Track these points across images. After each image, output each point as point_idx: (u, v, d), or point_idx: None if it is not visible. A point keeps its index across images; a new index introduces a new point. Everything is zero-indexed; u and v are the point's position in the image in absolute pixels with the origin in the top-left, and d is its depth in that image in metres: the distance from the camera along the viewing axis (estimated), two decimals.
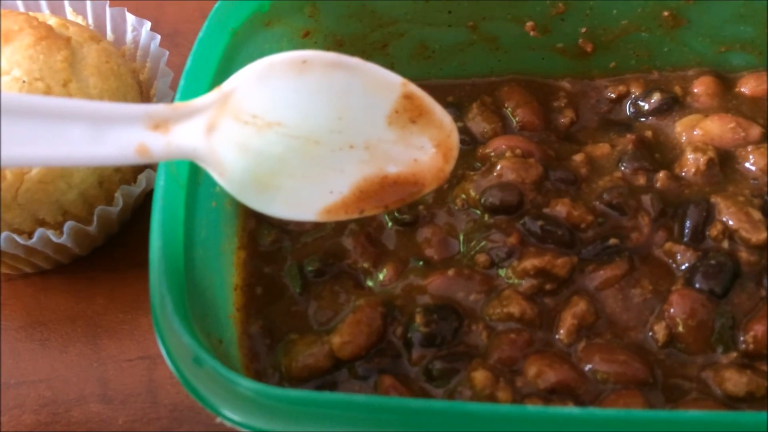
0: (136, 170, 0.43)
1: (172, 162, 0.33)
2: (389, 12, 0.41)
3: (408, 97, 0.31)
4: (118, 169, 0.42)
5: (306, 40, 0.41)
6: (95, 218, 0.41)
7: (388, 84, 0.31)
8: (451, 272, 0.37)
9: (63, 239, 0.40)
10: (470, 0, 0.40)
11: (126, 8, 0.47)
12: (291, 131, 0.30)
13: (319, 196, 0.31)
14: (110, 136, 0.28)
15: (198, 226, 0.34)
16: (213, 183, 0.36)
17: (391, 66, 0.43)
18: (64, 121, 0.27)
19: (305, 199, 0.31)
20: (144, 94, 0.45)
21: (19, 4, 0.46)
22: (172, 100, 0.36)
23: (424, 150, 0.31)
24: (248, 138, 0.29)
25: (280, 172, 0.30)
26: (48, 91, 0.38)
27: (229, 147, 0.29)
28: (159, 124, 0.28)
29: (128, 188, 0.42)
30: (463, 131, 0.42)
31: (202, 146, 0.29)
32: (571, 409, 0.30)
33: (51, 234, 0.40)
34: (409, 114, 0.31)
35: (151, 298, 0.30)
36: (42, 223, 0.40)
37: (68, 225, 0.40)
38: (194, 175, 0.34)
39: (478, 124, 0.42)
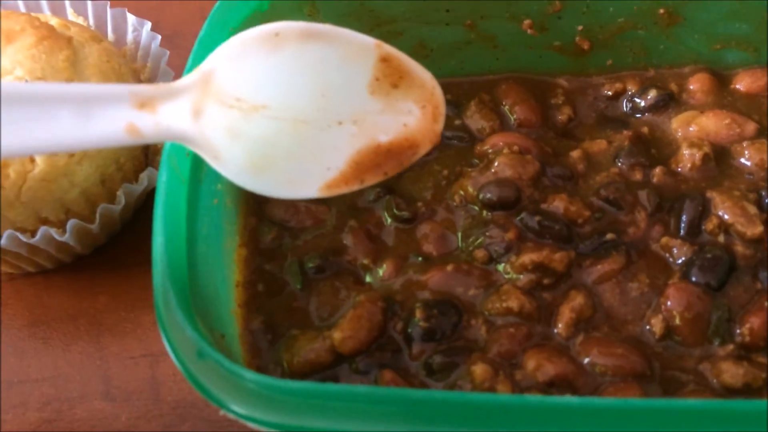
0: (138, 169, 0.44)
1: (174, 158, 0.33)
2: (387, 11, 0.41)
3: (385, 59, 0.31)
4: (120, 168, 0.42)
5: None
6: (98, 216, 0.41)
7: (363, 48, 0.31)
8: (449, 268, 0.37)
9: (66, 237, 0.41)
10: None
11: (126, 9, 0.47)
12: (277, 113, 0.29)
13: (317, 174, 0.31)
14: (98, 116, 0.28)
15: (200, 223, 0.34)
16: (214, 180, 0.36)
17: None
18: (51, 106, 0.27)
19: (304, 178, 0.31)
20: None
21: (21, 4, 0.47)
22: None
23: (411, 113, 0.31)
24: (236, 122, 0.29)
25: (274, 154, 0.30)
26: None
27: (219, 132, 0.29)
28: (145, 103, 0.28)
29: (130, 186, 0.42)
30: (461, 129, 0.42)
31: (191, 130, 0.29)
32: (569, 399, 0.30)
33: (54, 232, 0.40)
34: (390, 79, 0.31)
35: (154, 292, 0.30)
36: (45, 222, 0.41)
37: (71, 223, 0.40)
38: (196, 172, 0.34)
39: (476, 122, 0.42)
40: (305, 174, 0.30)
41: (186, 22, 0.54)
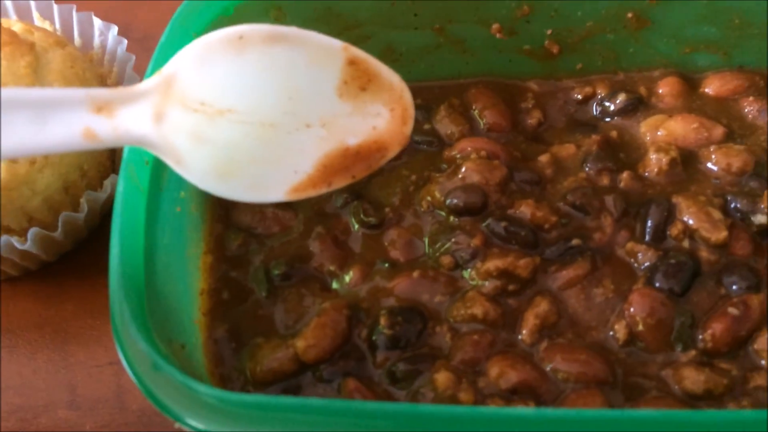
0: (103, 175, 0.43)
1: (132, 166, 0.33)
2: (355, 14, 0.41)
3: (353, 62, 0.30)
4: (83, 175, 0.42)
5: None
6: (60, 224, 0.41)
7: (330, 51, 0.30)
8: (416, 274, 0.37)
9: (27, 245, 0.40)
10: (436, 2, 0.41)
11: (95, 12, 0.47)
12: (243, 117, 0.29)
13: (285, 178, 0.30)
14: (54, 121, 0.28)
15: (160, 231, 0.34)
16: (177, 188, 0.36)
17: None
18: (6, 111, 0.27)
19: (271, 181, 0.30)
20: None
21: None
22: None
23: (380, 116, 0.31)
24: (200, 126, 0.29)
25: (240, 158, 0.29)
26: None
27: (182, 136, 0.29)
28: (102, 107, 0.28)
29: (93, 194, 0.42)
30: (431, 133, 0.42)
31: (152, 134, 0.29)
32: (525, 410, 0.30)
33: (15, 241, 0.40)
34: (358, 82, 0.30)
35: (110, 304, 0.30)
36: (7, 230, 0.40)
37: (32, 231, 0.40)
38: (156, 180, 0.34)
39: (446, 126, 0.42)
40: (272, 178, 0.30)
41: (157, 25, 0.54)
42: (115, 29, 0.46)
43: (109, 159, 0.44)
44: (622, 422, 0.27)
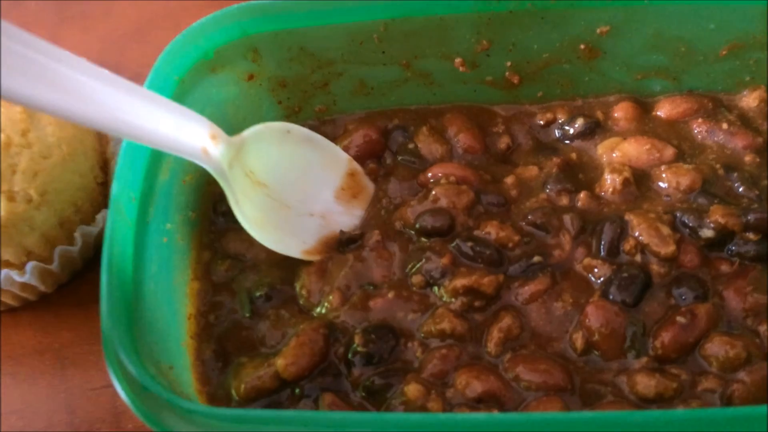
0: (95, 210, 0.46)
1: (120, 202, 0.35)
2: (326, 54, 0.44)
3: (352, 174, 0.42)
4: (77, 210, 0.45)
5: (251, 83, 0.44)
6: (56, 257, 0.43)
7: (338, 159, 0.42)
8: (391, 294, 0.39)
9: (26, 278, 0.43)
10: (400, 40, 0.44)
11: (88, 52, 0.49)
12: (271, 193, 0.40)
13: (297, 244, 0.41)
14: (187, 131, 0.35)
15: (148, 261, 0.36)
16: (164, 220, 0.39)
17: (333, 103, 0.46)
18: (159, 111, 0.34)
19: (288, 243, 0.40)
20: (103, 138, 0.48)
21: None
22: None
23: (360, 217, 0.42)
24: (246, 188, 0.39)
25: (267, 222, 0.40)
26: (8, 141, 0.41)
27: (238, 188, 0.38)
28: (215, 135, 0.36)
29: (86, 228, 0.44)
30: (413, 153, 0.44)
31: (228, 175, 0.37)
32: (485, 415, 0.32)
33: (14, 274, 0.42)
34: (351, 191, 0.42)
35: (101, 331, 0.32)
36: (7, 264, 0.43)
37: (30, 265, 0.43)
38: (143, 215, 0.37)
39: (428, 146, 0.44)
40: (289, 241, 0.40)
41: (147, 64, 0.57)
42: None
43: (101, 194, 0.47)
44: (578, 424, 0.29)
